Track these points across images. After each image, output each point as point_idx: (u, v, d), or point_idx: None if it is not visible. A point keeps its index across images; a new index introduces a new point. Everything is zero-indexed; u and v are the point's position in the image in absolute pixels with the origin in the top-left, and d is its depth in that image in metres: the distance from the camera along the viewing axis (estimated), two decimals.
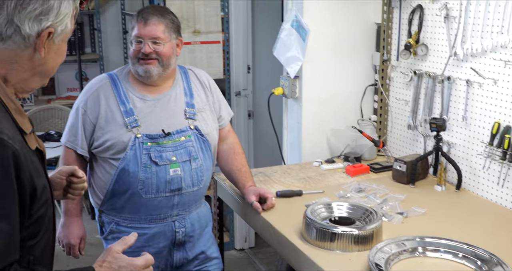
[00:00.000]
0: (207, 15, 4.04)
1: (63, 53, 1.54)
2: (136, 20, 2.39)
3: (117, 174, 2.36)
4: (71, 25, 1.50)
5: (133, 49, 2.39)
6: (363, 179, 2.79)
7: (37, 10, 1.41)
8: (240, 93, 4.42)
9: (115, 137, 2.35)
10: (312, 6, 3.06)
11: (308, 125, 3.20)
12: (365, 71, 3.25)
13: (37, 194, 1.40)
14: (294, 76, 3.13)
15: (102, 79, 2.48)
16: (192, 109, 2.48)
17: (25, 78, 1.46)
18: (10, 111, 1.41)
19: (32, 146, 1.46)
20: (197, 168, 2.43)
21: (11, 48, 1.42)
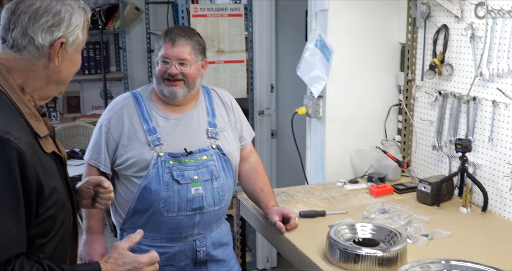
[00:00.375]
0: (231, 34, 4.06)
1: (77, 62, 1.65)
2: (163, 40, 2.41)
3: (139, 192, 2.36)
4: (82, 35, 1.61)
5: (159, 69, 2.41)
6: (387, 200, 2.76)
7: (49, 22, 1.53)
8: (263, 112, 4.42)
9: (138, 154, 2.36)
10: (336, 26, 3.06)
11: (332, 145, 3.18)
12: (389, 91, 3.23)
13: (45, 193, 1.47)
14: (317, 96, 3.12)
15: (125, 98, 2.49)
16: (214, 129, 2.48)
17: (42, 86, 1.58)
18: (24, 116, 1.51)
19: (47, 149, 1.55)
20: (218, 187, 2.43)
21: (27, 58, 1.54)
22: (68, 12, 1.56)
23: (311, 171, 3.39)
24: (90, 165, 2.46)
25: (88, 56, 5.30)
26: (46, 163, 1.53)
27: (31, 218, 1.45)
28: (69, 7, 1.57)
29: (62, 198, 1.58)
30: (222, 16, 4.02)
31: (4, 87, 1.50)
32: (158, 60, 2.41)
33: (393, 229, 2.20)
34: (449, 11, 2.73)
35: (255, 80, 4.31)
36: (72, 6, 1.58)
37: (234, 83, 4.09)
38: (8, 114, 1.47)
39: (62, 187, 1.59)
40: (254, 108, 4.35)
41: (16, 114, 1.49)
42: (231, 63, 4.07)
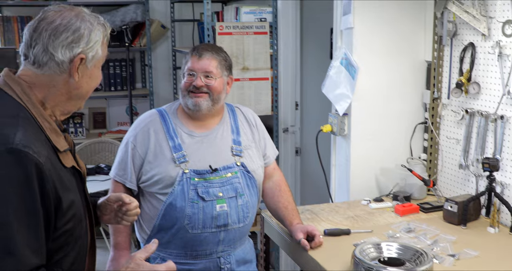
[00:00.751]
0: (256, 52, 4.08)
1: (97, 78, 1.68)
2: (190, 54, 2.46)
3: (164, 208, 2.37)
4: (102, 51, 1.64)
5: (185, 81, 2.45)
6: (412, 219, 2.74)
7: (68, 38, 1.57)
8: (288, 129, 4.42)
9: (163, 171, 2.38)
10: (362, 43, 3.06)
11: (357, 163, 3.17)
12: (414, 109, 3.22)
13: (63, 206, 1.50)
14: (343, 114, 3.12)
15: (151, 115, 2.52)
16: (238, 146, 2.50)
17: (62, 101, 1.61)
18: (45, 130, 1.54)
19: (67, 164, 1.59)
20: (243, 204, 2.43)
21: (48, 74, 1.57)
22: (87, 29, 1.60)
23: (336, 189, 3.37)
24: (116, 181, 2.48)
25: (114, 73, 5.36)
26: (65, 177, 1.55)
27: (49, 231, 1.47)
28: (89, 23, 1.61)
29: (80, 212, 1.60)
30: (248, 34, 4.04)
31: (25, 102, 1.54)
32: (185, 73, 2.46)
33: (419, 249, 2.17)
34: (476, 29, 2.72)
35: (280, 97, 4.32)
36: (91, 22, 1.62)
37: (258, 100, 4.11)
38: (29, 128, 1.49)
39: (80, 201, 1.61)
40: (279, 126, 4.35)
41: (36, 129, 1.52)
42: (256, 80, 4.09)
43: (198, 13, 5.38)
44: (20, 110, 1.52)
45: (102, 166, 4.48)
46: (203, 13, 4.15)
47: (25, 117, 1.51)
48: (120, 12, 5.09)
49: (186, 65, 2.45)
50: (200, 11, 5.31)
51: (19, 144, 1.42)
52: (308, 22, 4.52)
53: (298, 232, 2.42)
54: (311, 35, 4.56)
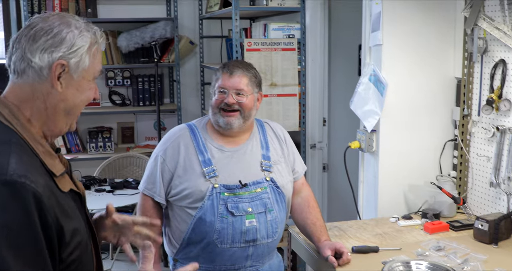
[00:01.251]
0: (284, 68, 4.10)
1: (87, 91, 1.52)
2: (221, 71, 2.47)
3: (194, 222, 2.38)
4: (89, 60, 1.49)
5: (216, 98, 2.46)
6: (442, 237, 2.70)
7: (48, 42, 1.43)
8: (315, 145, 4.42)
9: (193, 186, 2.39)
10: (391, 60, 3.05)
11: (385, 180, 3.15)
12: (444, 126, 3.19)
13: (65, 237, 1.37)
14: (371, 130, 3.11)
15: (181, 129, 2.54)
16: (268, 162, 2.50)
17: (49, 117, 1.46)
18: (38, 154, 1.41)
19: (64, 188, 1.44)
20: (272, 220, 2.43)
21: (29, 83, 1.44)
22: (71, 33, 1.45)
23: (364, 206, 3.35)
24: (145, 194, 2.49)
25: (143, 88, 5.42)
26: (65, 203, 1.42)
27: (55, 264, 1.36)
28: (74, 28, 1.47)
29: (85, 238, 1.48)
30: (276, 50, 4.06)
31: (15, 125, 1.40)
32: (215, 90, 2.46)
33: (449, 267, 2.15)
34: (507, 46, 2.70)
35: (308, 113, 4.33)
36: (78, 27, 1.48)
37: (286, 116, 4.11)
38: (22, 155, 1.36)
39: (83, 226, 1.50)
40: (306, 142, 4.34)
41: (30, 154, 1.39)
42: (284, 96, 4.10)
43: (226, 29, 5.42)
44: (11, 135, 1.39)
45: (130, 180, 4.52)
46: (231, 29, 4.18)
47: (17, 143, 1.38)
48: (150, 28, 5.16)
49: (217, 83, 2.47)
50: (228, 27, 5.36)
51: (14, 174, 1.29)
52: (336, 38, 4.53)
53: (326, 248, 2.40)
54: (339, 51, 4.57)
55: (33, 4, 4.91)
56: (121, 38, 5.14)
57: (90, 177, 4.59)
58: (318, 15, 4.28)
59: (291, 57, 4.11)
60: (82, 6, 5.03)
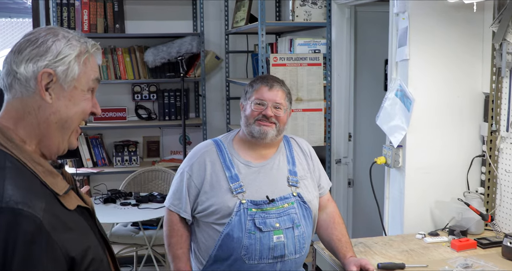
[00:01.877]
0: (310, 83, 4.10)
1: (81, 102, 1.44)
2: (259, 84, 2.48)
3: (221, 239, 2.37)
4: (79, 68, 1.41)
5: (252, 109, 2.46)
6: (469, 255, 2.66)
7: (32, 52, 1.37)
8: (341, 161, 4.39)
9: (220, 202, 2.38)
10: (417, 75, 3.04)
11: (411, 195, 3.12)
12: (471, 141, 3.16)
13: (76, 258, 1.31)
14: (397, 146, 3.08)
15: (207, 145, 2.54)
16: (294, 177, 2.50)
17: (43, 133, 1.39)
18: (37, 175, 1.34)
19: (70, 206, 1.38)
20: (299, 235, 2.42)
21: (18, 98, 1.37)
22: (57, 41, 1.39)
23: (389, 222, 3.31)
24: (171, 210, 2.50)
25: (169, 103, 5.45)
26: (72, 221, 1.36)
27: None
28: (61, 37, 1.41)
29: (98, 254, 1.43)
30: (301, 65, 4.07)
31: (10, 148, 1.34)
32: (252, 102, 2.47)
33: None
34: None
35: (333, 128, 4.31)
36: (65, 37, 1.41)
37: (311, 131, 4.10)
38: (18, 179, 1.30)
39: (95, 241, 1.45)
40: (331, 157, 4.33)
41: (29, 177, 1.33)
42: (309, 111, 4.09)
43: (252, 44, 5.45)
44: (6, 160, 1.32)
45: (155, 194, 4.53)
46: (257, 44, 4.20)
47: (12, 167, 1.31)
48: (176, 43, 5.20)
49: (254, 95, 2.47)
50: (254, 42, 5.38)
51: (10, 201, 1.23)
52: (362, 53, 4.52)
53: (351, 265, 2.38)
54: (365, 66, 4.56)
55: (63, 20, 4.99)
56: (148, 53, 5.19)
57: (116, 190, 4.62)
58: (344, 30, 4.28)
59: (316, 72, 4.11)
60: (110, 22, 5.09)
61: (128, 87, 5.49)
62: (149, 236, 4.51)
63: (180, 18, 5.54)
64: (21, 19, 18.61)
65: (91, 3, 5.02)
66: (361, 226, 4.54)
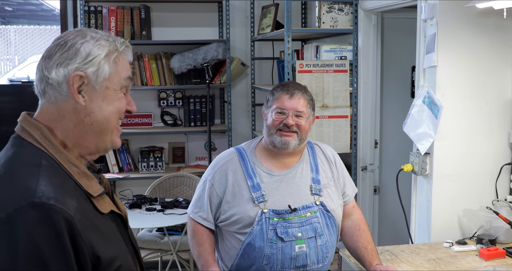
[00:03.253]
0: (336, 90, 4.08)
1: (115, 102, 1.43)
2: (280, 92, 2.45)
3: (243, 248, 2.36)
4: (110, 68, 1.41)
5: (273, 119, 2.44)
6: (498, 264, 2.62)
7: (62, 56, 1.37)
8: (367, 168, 4.37)
9: (242, 211, 2.37)
10: (445, 82, 3.01)
11: (438, 203, 3.08)
12: (500, 149, 3.12)
13: (102, 260, 1.31)
14: (424, 153, 3.06)
15: (230, 154, 2.53)
16: (317, 185, 2.47)
17: (80, 135, 1.40)
18: (72, 176, 1.36)
19: (103, 209, 1.40)
20: (322, 245, 2.40)
21: (52, 102, 1.38)
22: (86, 43, 1.39)
23: (416, 230, 3.28)
24: (193, 219, 2.49)
25: (194, 109, 5.47)
26: (103, 225, 1.38)
27: None
28: (89, 38, 1.41)
29: (127, 261, 1.42)
30: (327, 72, 4.06)
31: (47, 147, 1.36)
32: (273, 111, 2.44)
33: None
34: None
35: (359, 135, 4.29)
36: (94, 37, 1.42)
37: (337, 138, 4.09)
38: (53, 177, 1.31)
39: (125, 249, 1.45)
40: (357, 164, 4.30)
41: (63, 176, 1.34)
42: (335, 118, 4.08)
43: (277, 51, 5.45)
44: (42, 158, 1.34)
45: (180, 200, 4.55)
46: (283, 51, 4.20)
47: (48, 165, 1.33)
48: (202, 50, 5.23)
49: (275, 103, 2.45)
50: (279, 49, 5.39)
51: (43, 196, 1.24)
52: (389, 60, 4.50)
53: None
54: (392, 73, 4.53)
55: (90, 27, 5.03)
56: (174, 60, 5.22)
57: (141, 196, 4.64)
58: (370, 36, 4.26)
59: (343, 78, 4.10)
60: (137, 29, 5.14)
61: (154, 93, 5.53)
62: (174, 241, 4.52)
63: (206, 25, 5.57)
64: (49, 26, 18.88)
65: (118, 11, 5.07)
66: (386, 233, 4.51)
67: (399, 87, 4.56)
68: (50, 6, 17.17)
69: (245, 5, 5.52)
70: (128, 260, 1.44)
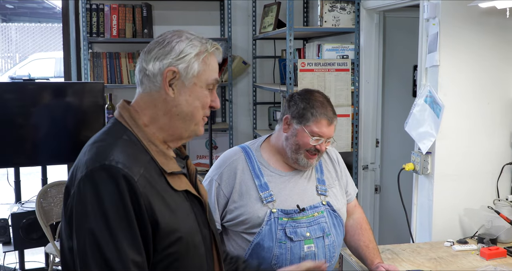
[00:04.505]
0: (337, 89, 4.08)
1: (202, 97, 1.60)
2: (322, 116, 2.35)
3: (251, 248, 2.33)
4: (199, 66, 1.58)
5: (308, 142, 2.33)
6: (499, 263, 2.63)
7: (159, 51, 1.57)
8: (368, 167, 4.37)
9: (250, 211, 2.34)
10: (447, 81, 3.01)
11: (440, 203, 3.09)
12: (502, 149, 3.12)
13: (162, 227, 1.46)
14: (426, 152, 3.06)
15: (236, 153, 2.48)
16: (323, 186, 2.46)
17: (166, 123, 1.59)
18: (150, 153, 1.53)
19: (176, 186, 1.55)
20: (330, 244, 2.38)
21: (148, 92, 1.59)
22: (180, 42, 1.58)
23: (417, 229, 3.29)
24: None
25: None
26: (172, 199, 1.52)
27: (149, 249, 1.45)
28: (184, 38, 1.60)
29: (193, 239, 1.55)
30: (329, 71, 4.06)
31: (131, 126, 1.55)
32: (309, 133, 2.33)
33: None
34: None
35: (360, 134, 4.29)
36: (188, 38, 1.60)
37: (338, 137, 4.08)
38: (128, 148, 1.50)
39: (194, 227, 1.57)
40: (359, 163, 4.30)
41: (139, 150, 1.52)
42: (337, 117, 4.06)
43: (279, 49, 5.45)
44: (125, 133, 1.54)
45: None
46: (285, 50, 4.20)
47: (128, 139, 1.52)
48: None
49: (314, 126, 2.33)
50: (281, 48, 5.39)
51: (113, 160, 1.43)
52: (391, 59, 4.50)
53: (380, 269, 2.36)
54: (394, 72, 4.53)
55: (92, 25, 5.04)
56: None
57: None
58: (372, 35, 4.26)
59: (344, 77, 4.09)
60: (138, 27, 5.13)
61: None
62: None
63: (207, 23, 5.57)
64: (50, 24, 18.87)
65: (120, 9, 5.06)
66: (387, 232, 4.51)
67: (401, 87, 4.56)
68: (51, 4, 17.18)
69: (247, 4, 5.52)
70: (195, 238, 1.57)
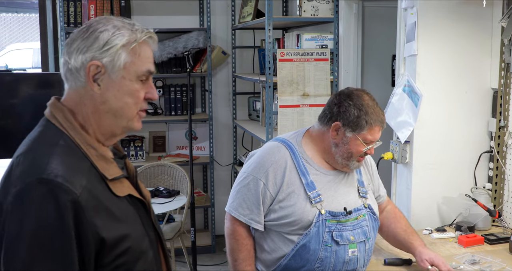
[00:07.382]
0: (317, 78, 4.08)
1: (132, 92, 1.45)
2: (377, 123, 2.26)
3: (296, 249, 2.21)
4: (127, 58, 1.42)
5: (363, 150, 2.25)
6: (477, 250, 2.66)
7: (82, 42, 1.40)
8: None
9: (300, 213, 2.20)
10: (425, 71, 3.02)
11: (418, 191, 3.11)
12: (479, 137, 3.14)
13: (108, 241, 1.34)
14: (404, 141, 3.07)
15: (280, 149, 2.30)
16: (363, 188, 2.36)
17: (97, 121, 1.44)
18: (90, 158, 1.40)
19: (119, 192, 1.42)
20: (369, 248, 2.31)
21: (73, 88, 1.44)
22: (106, 31, 1.41)
23: None
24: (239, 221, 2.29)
25: (175, 98, 5.45)
26: (116, 206, 1.40)
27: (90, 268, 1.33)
28: (111, 26, 1.43)
29: (140, 245, 1.44)
30: (308, 61, 4.05)
31: (67, 129, 1.41)
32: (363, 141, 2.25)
33: None
34: None
35: None
36: (116, 26, 1.44)
37: None
38: (67, 157, 1.35)
39: (141, 233, 1.47)
40: None
41: (79, 157, 1.38)
42: (316, 107, 4.07)
43: (258, 39, 5.44)
44: (61, 138, 1.39)
45: (161, 189, 4.53)
46: (264, 39, 4.19)
47: (65, 145, 1.38)
48: (183, 38, 5.20)
49: (368, 133, 2.24)
50: (260, 37, 5.38)
51: (51, 173, 1.29)
52: (370, 48, 4.51)
53: (424, 260, 2.36)
54: (373, 61, 4.54)
55: (69, 15, 4.99)
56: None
57: None
58: (351, 25, 4.26)
59: (323, 67, 4.10)
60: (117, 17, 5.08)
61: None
62: None
63: (186, 13, 5.54)
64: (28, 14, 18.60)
65: None
66: None
67: (379, 76, 4.57)
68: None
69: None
70: (143, 243, 1.47)
